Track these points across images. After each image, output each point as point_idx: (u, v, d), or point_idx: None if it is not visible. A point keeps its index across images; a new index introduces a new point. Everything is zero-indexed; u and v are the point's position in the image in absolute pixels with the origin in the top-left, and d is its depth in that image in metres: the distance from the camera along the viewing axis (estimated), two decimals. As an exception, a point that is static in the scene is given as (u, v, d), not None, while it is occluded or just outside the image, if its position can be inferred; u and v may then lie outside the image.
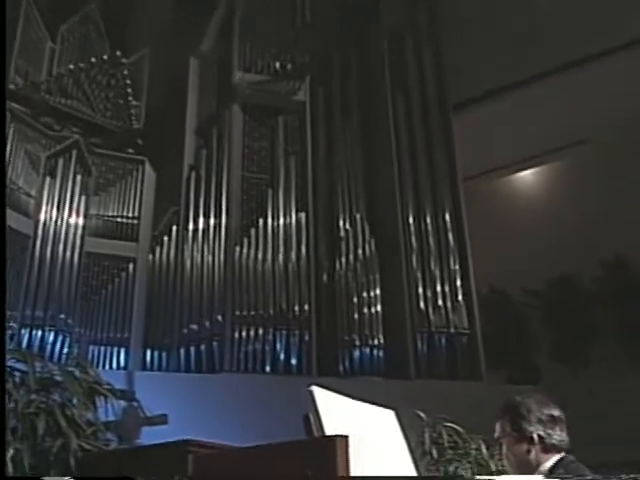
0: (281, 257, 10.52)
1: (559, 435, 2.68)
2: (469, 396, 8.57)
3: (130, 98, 11.45)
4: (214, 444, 2.37)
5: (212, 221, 10.75)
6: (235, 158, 11.17)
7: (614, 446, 8.23)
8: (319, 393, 2.48)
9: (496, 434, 2.80)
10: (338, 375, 9.77)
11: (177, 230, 10.81)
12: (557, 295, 11.91)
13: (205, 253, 10.57)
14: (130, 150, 11.38)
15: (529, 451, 2.67)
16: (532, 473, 2.66)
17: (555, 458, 2.64)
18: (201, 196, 10.94)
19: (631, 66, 11.52)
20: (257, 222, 10.75)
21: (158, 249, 10.76)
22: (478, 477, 4.90)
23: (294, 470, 2.13)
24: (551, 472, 2.59)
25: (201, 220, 10.78)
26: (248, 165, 11.30)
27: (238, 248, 10.52)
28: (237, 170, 11.13)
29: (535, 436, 2.66)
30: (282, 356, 10.00)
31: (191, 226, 10.78)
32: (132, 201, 10.96)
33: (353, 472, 2.15)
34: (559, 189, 12.85)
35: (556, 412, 2.73)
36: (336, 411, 2.53)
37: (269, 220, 10.77)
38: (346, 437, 2.13)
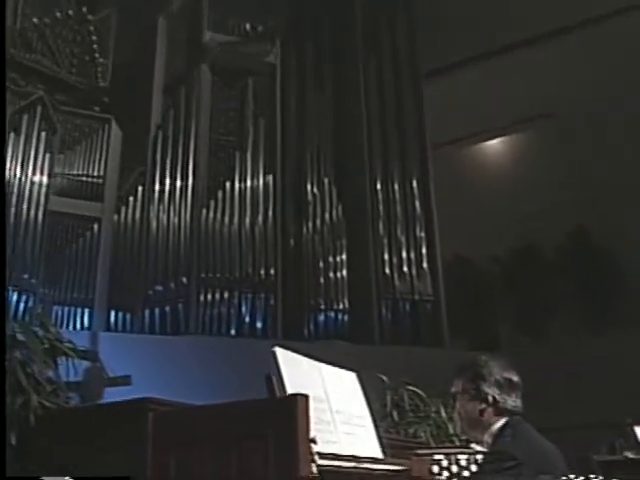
0: (248, 220, 10.49)
1: (514, 401, 2.73)
2: (431, 362, 8.68)
3: (96, 55, 11.20)
4: (174, 402, 2.37)
5: (179, 182, 10.65)
6: (203, 119, 11.04)
7: (570, 411, 8.44)
8: (282, 353, 2.49)
9: (453, 389, 2.85)
10: (303, 339, 9.84)
11: (143, 190, 10.68)
12: (520, 264, 12.06)
13: (171, 214, 10.49)
14: (96, 108, 11.16)
15: (482, 411, 2.73)
16: (481, 432, 2.71)
17: (504, 420, 2.70)
18: (168, 157, 10.82)
19: (597, 40, 11.59)
20: (224, 184, 10.68)
21: (123, 209, 10.63)
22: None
23: (254, 428, 2.15)
24: (500, 432, 2.65)
25: (167, 181, 10.67)
26: (216, 126, 11.18)
27: (204, 210, 10.45)
28: (205, 131, 11.01)
29: (491, 398, 2.71)
30: (247, 319, 10.03)
31: (157, 187, 10.66)
32: (97, 160, 10.78)
33: (313, 432, 2.17)
34: (525, 159, 12.94)
35: (515, 378, 2.78)
36: (298, 372, 2.54)
37: (236, 182, 10.71)
38: (307, 396, 2.13)
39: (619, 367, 9.35)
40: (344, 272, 10.56)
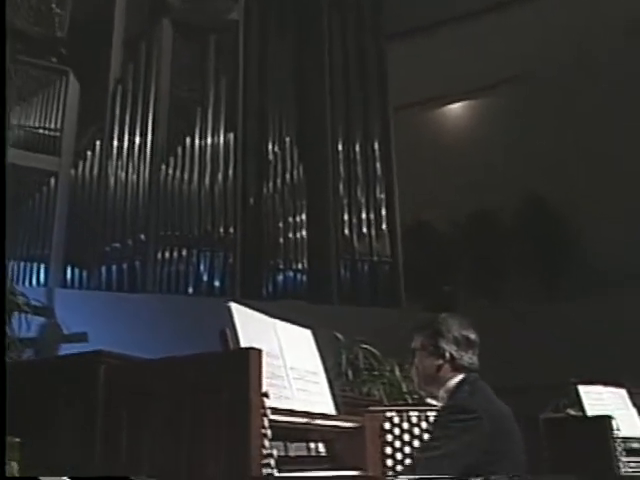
0: (207, 178, 10.40)
1: (470, 358, 2.78)
2: (388, 322, 8.78)
3: (53, 5, 10.87)
4: (126, 356, 2.36)
5: (137, 138, 10.48)
6: (164, 75, 10.85)
7: (520, 372, 8.64)
8: (237, 309, 2.49)
9: (412, 345, 2.90)
10: (261, 298, 9.87)
11: (101, 146, 10.50)
12: (477, 228, 12.20)
13: (130, 171, 10.35)
14: (53, 59, 10.88)
15: (439, 367, 2.77)
16: (437, 388, 2.77)
17: (462, 375, 2.74)
18: (127, 112, 10.63)
19: (560, 5, 11.62)
20: (184, 141, 10.55)
21: (81, 164, 10.45)
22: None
23: (207, 382, 2.15)
24: (457, 388, 2.71)
25: (126, 137, 10.49)
26: (177, 83, 11.00)
27: (164, 167, 10.33)
28: (165, 87, 10.82)
29: (448, 354, 2.75)
30: (205, 277, 10.01)
31: (116, 142, 10.49)
32: (55, 113, 10.54)
33: (266, 387, 2.19)
34: (486, 124, 13.00)
35: (472, 335, 2.82)
36: (253, 327, 2.55)
37: (196, 140, 10.58)
38: (259, 350, 2.14)
39: (568, 330, 9.59)
40: (303, 232, 10.57)
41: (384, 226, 10.84)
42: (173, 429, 2.15)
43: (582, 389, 5.18)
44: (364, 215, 10.82)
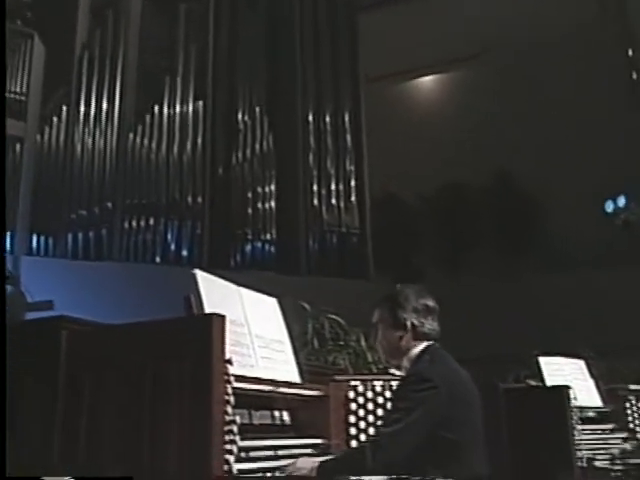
0: (176, 147, 10.29)
1: (431, 325, 2.81)
2: (356, 293, 8.83)
3: (18, -33, 10.62)
4: (89, 321, 2.34)
5: (105, 105, 10.31)
6: (132, 41, 10.66)
7: (484, 344, 8.77)
8: (202, 276, 2.49)
9: (373, 319, 2.92)
10: (229, 268, 9.84)
11: (67, 111, 10.31)
12: (446, 201, 12.27)
13: (97, 137, 10.19)
14: (18, 22, 10.63)
15: (401, 337, 2.79)
16: (401, 358, 2.80)
17: (423, 345, 2.78)
18: (94, 78, 10.43)
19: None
20: (152, 109, 10.40)
21: (47, 130, 10.26)
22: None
23: (169, 348, 2.15)
24: (419, 357, 2.74)
25: (93, 103, 10.31)
26: (146, 50, 10.81)
27: (132, 135, 10.20)
28: (133, 54, 10.64)
29: (409, 324, 2.78)
30: (173, 247, 9.95)
31: (82, 108, 10.30)
32: (20, 76, 10.30)
33: (231, 354, 2.19)
34: (456, 98, 13.02)
35: (431, 303, 2.85)
36: (218, 294, 2.55)
37: (165, 108, 10.45)
38: (223, 316, 2.13)
39: (531, 304, 9.75)
40: (272, 203, 10.55)
41: (353, 198, 10.85)
42: (135, 395, 2.15)
43: (542, 360, 5.30)
44: (333, 186, 10.82)
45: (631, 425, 5.48)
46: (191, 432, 2.06)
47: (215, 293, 2.53)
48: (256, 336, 2.80)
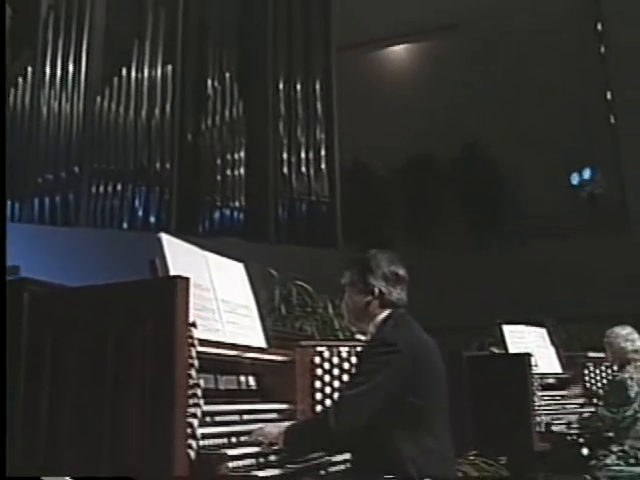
0: (144, 112, 10.14)
1: (399, 293, 2.81)
2: (324, 262, 8.86)
3: None
4: (52, 283, 2.32)
5: (71, 67, 10.10)
6: (99, 2, 10.43)
7: (454, 313, 8.90)
8: (167, 239, 2.48)
9: (342, 281, 2.93)
10: (197, 235, 9.79)
11: (33, 73, 10.09)
12: (415, 172, 12.31)
13: (63, 101, 10.00)
14: (-18, -19, 10.33)
15: (368, 303, 2.80)
16: (367, 323, 2.82)
17: (389, 311, 2.79)
18: (60, 39, 10.20)
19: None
20: (120, 72, 10.22)
21: (12, 92, 10.04)
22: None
23: (132, 310, 2.13)
24: (384, 323, 2.76)
25: (59, 65, 10.10)
26: (113, 11, 10.58)
27: (99, 98, 10.03)
28: (101, 15, 10.42)
29: (377, 290, 2.79)
30: (140, 213, 9.86)
31: (48, 70, 10.08)
32: (-17, 37, 10.05)
33: (196, 319, 2.19)
34: (428, 69, 13.01)
35: (402, 271, 2.85)
36: (183, 258, 2.54)
37: (133, 71, 10.27)
38: (187, 279, 2.11)
39: (497, 274, 9.89)
40: (242, 170, 10.48)
41: (323, 166, 10.83)
42: (97, 357, 2.14)
43: (506, 328, 5.40)
44: (303, 155, 10.78)
45: (589, 391, 5.64)
46: (154, 395, 2.06)
47: (180, 257, 2.52)
48: (222, 301, 2.80)
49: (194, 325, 2.12)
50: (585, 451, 4.97)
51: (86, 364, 2.16)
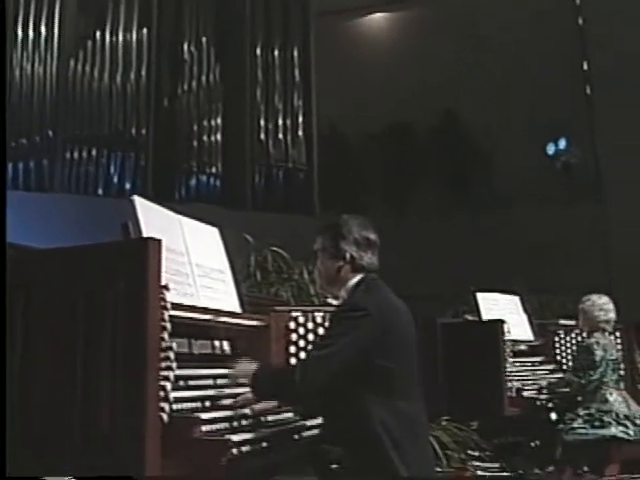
0: (119, 76, 9.97)
1: (370, 258, 2.82)
2: (301, 230, 8.84)
3: None
4: (21, 245, 2.30)
5: (43, 29, 9.87)
6: (71, -38, 10.19)
7: (429, 280, 8.97)
8: (141, 202, 2.47)
9: (314, 246, 2.93)
10: (173, 201, 9.70)
11: (3, 35, 9.85)
12: (392, 140, 12.30)
13: (36, 63, 9.80)
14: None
15: (340, 268, 2.81)
16: (338, 288, 2.83)
17: (360, 276, 2.80)
18: (32, 0, 9.96)
19: None
20: (94, 35, 10.02)
21: (-18, 54, 9.83)
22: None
23: (104, 272, 2.11)
24: (355, 288, 2.77)
25: (31, 26, 9.87)
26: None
27: (72, 61, 9.84)
28: (75, -24, 10.18)
29: (348, 255, 2.79)
30: (116, 179, 9.75)
31: (20, 31, 9.85)
32: (-48, -3, 9.81)
33: (170, 283, 2.18)
34: (407, 38, 12.94)
35: (373, 236, 2.85)
36: (157, 221, 2.53)
37: (107, 34, 10.08)
38: (159, 240, 2.09)
39: (472, 242, 9.97)
40: (218, 136, 10.38)
41: (300, 133, 10.77)
42: (68, 319, 2.13)
43: (480, 296, 5.48)
44: (281, 121, 10.70)
45: (559, 357, 5.75)
46: (125, 358, 2.05)
47: (154, 220, 2.51)
48: (196, 265, 2.80)
49: (166, 288, 2.11)
50: (554, 415, 5.09)
51: (57, 326, 2.15)
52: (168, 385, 2.11)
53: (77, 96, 9.73)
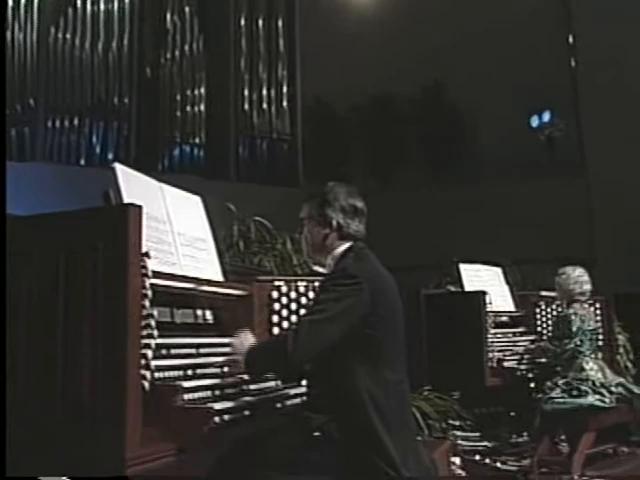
0: (101, 44, 9.85)
1: (357, 226, 2.79)
2: (285, 201, 8.81)
3: None
4: (7, 214, 2.27)
5: (23, -5, 9.72)
6: None
7: (413, 252, 9.00)
8: (122, 170, 2.44)
9: (301, 214, 2.90)
10: (156, 171, 9.64)
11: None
12: (377, 112, 12.25)
13: (16, 31, 9.64)
14: None
15: (326, 236, 2.78)
16: (325, 256, 2.81)
17: (348, 244, 2.77)
18: (11, -35, 9.79)
19: None
20: (75, 2, 9.87)
21: (-38, 21, 9.66)
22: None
23: (83, 239, 2.09)
24: (343, 256, 2.76)
25: (11, -8, 9.71)
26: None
27: (53, 29, 9.69)
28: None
29: (335, 223, 2.76)
30: (98, 149, 9.67)
31: (-1, -1, 9.70)
32: None
33: (151, 251, 2.16)
34: (392, 8, 12.83)
35: (360, 204, 2.82)
36: (139, 189, 2.51)
37: (89, 2, 9.92)
38: (140, 207, 2.06)
39: (456, 214, 10.00)
40: (202, 106, 10.30)
41: (285, 104, 10.70)
42: (47, 286, 2.11)
43: (463, 267, 5.52)
44: (265, 92, 10.63)
45: (539, 329, 5.82)
46: (106, 325, 2.04)
47: (136, 188, 2.48)
48: (178, 234, 2.78)
49: (147, 255, 2.09)
50: (533, 385, 5.17)
51: (37, 294, 2.13)
52: (149, 353, 2.09)
53: (58, 65, 9.61)
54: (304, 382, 2.85)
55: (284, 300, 3.34)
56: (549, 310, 5.88)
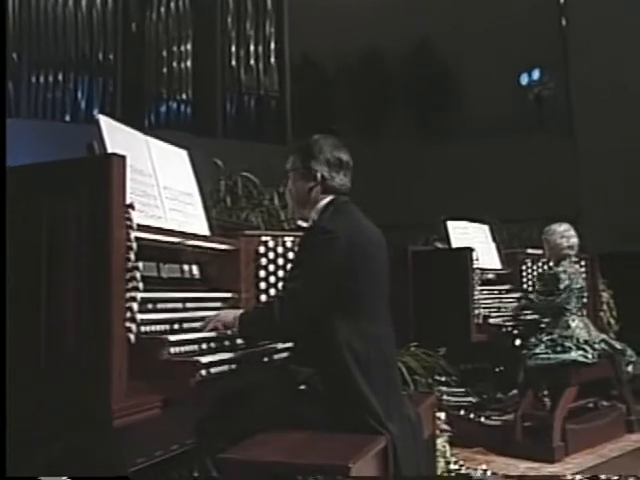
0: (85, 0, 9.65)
1: (341, 179, 2.77)
2: (272, 158, 8.76)
3: None
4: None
5: (5, -52, 9.48)
6: None
7: (400, 210, 8.99)
8: (106, 121, 2.40)
9: (286, 166, 2.88)
10: (143, 128, 9.52)
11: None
12: (366, 68, 12.13)
13: (-2, -17, 9.44)
14: None
15: (311, 189, 2.75)
16: (309, 210, 2.79)
17: (330, 197, 2.75)
18: None
19: None
20: (59, -45, 9.64)
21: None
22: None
23: (66, 189, 2.05)
24: (324, 210, 2.74)
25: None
26: None
27: (36, -18, 9.47)
28: None
29: (319, 175, 2.74)
30: (83, 105, 9.52)
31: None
32: None
33: (136, 204, 2.13)
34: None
35: (345, 157, 2.79)
36: (124, 142, 2.47)
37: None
38: (123, 157, 2.04)
39: (444, 171, 9.99)
40: (188, 63, 10.14)
41: (272, 60, 10.56)
42: (30, 239, 2.09)
43: (450, 224, 5.52)
44: (252, 48, 10.48)
45: (525, 286, 5.86)
46: (90, 277, 2.02)
47: (120, 140, 2.45)
48: (164, 187, 2.75)
49: (132, 207, 2.07)
50: (518, 342, 5.22)
51: (20, 245, 2.11)
52: (135, 305, 2.08)
53: (41, 19, 9.40)
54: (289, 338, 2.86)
55: (271, 255, 3.34)
56: (535, 268, 5.93)
